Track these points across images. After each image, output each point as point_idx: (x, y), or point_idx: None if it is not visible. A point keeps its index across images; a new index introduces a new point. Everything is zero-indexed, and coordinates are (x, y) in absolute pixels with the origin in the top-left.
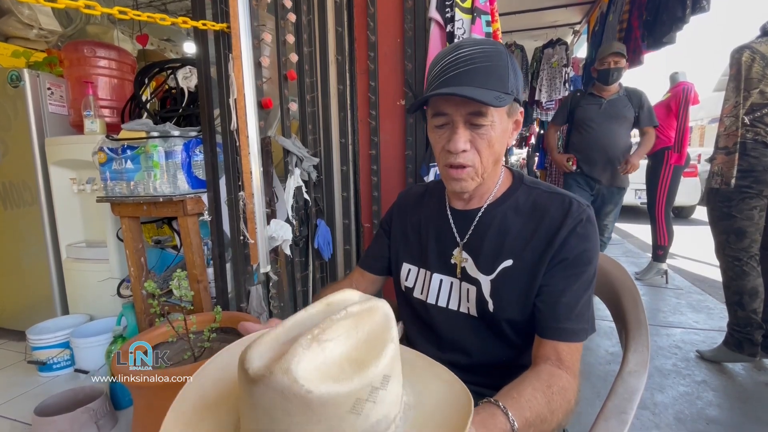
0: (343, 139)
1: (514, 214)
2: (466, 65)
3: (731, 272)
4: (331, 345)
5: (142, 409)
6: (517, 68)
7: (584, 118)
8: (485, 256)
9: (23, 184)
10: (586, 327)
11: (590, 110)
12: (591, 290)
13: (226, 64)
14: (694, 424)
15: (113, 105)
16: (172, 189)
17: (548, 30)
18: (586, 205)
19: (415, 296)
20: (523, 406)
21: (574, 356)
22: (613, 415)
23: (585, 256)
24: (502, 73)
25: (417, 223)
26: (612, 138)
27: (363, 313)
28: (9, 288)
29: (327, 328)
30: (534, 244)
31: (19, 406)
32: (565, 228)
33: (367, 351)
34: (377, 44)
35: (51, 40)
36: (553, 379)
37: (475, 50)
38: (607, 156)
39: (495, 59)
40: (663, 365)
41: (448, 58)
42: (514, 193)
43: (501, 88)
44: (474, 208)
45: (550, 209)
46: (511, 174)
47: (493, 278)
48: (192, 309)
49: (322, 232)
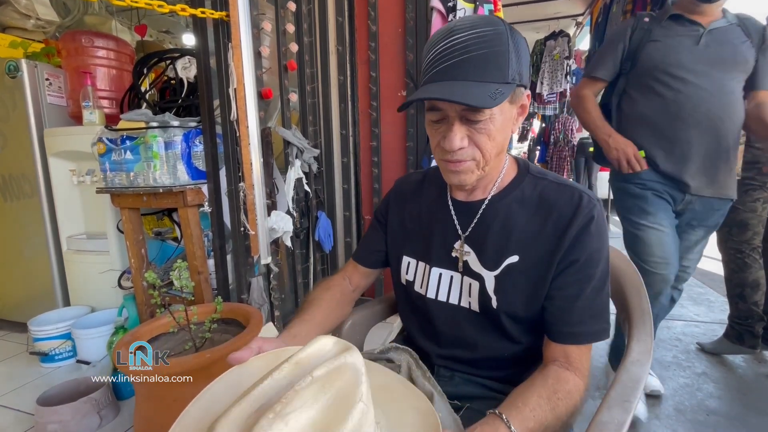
0: (344, 131)
1: (519, 207)
2: (460, 54)
3: (733, 264)
4: (294, 416)
5: (144, 399)
6: (521, 48)
7: (666, 65)
8: (490, 250)
9: (23, 176)
10: (605, 327)
11: (678, 47)
12: (606, 289)
13: (225, 53)
14: (694, 415)
15: (112, 96)
16: (172, 180)
17: (550, 21)
18: (596, 200)
19: (415, 290)
20: (527, 416)
21: (584, 357)
22: (617, 403)
23: (596, 256)
24: (501, 60)
25: (416, 213)
26: (724, 102)
27: (331, 373)
28: (10, 280)
29: (290, 401)
30: (542, 240)
31: (21, 396)
32: (574, 226)
33: (334, 415)
34: (378, 34)
35: (48, 31)
36: (560, 383)
37: (470, 35)
38: (715, 138)
39: (493, 44)
40: (663, 357)
41: (442, 46)
42: (520, 183)
43: (499, 79)
44: (477, 199)
45: (558, 203)
46: (516, 163)
47: (497, 274)
48: (193, 300)
49: (322, 224)
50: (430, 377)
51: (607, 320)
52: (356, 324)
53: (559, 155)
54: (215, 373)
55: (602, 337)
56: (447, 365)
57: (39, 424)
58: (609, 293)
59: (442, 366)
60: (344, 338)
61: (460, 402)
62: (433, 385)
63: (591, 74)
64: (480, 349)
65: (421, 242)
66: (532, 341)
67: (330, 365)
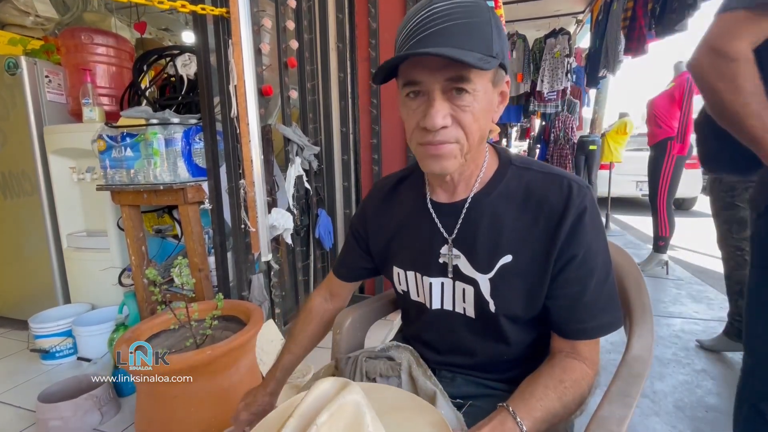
0: (344, 128)
1: (506, 203)
2: (442, 22)
3: (733, 262)
4: None
5: (145, 396)
6: (501, 27)
7: None
8: (480, 252)
9: (23, 174)
10: (616, 316)
11: None
12: (611, 277)
13: (225, 50)
14: (694, 411)
15: (112, 93)
16: (172, 177)
17: (551, 19)
18: (585, 187)
19: (412, 299)
20: (534, 406)
21: (593, 349)
22: (618, 398)
23: (595, 247)
24: (486, 31)
25: (396, 222)
26: None
27: (333, 416)
28: (10, 277)
29: None
30: (535, 237)
31: (22, 393)
32: (567, 219)
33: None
34: (378, 31)
35: (48, 28)
36: (566, 373)
37: (451, 4)
38: None
39: (476, 14)
40: (663, 354)
41: (420, 16)
42: (504, 177)
43: (485, 50)
44: (460, 199)
45: (547, 196)
46: (497, 153)
47: (492, 276)
48: (193, 297)
49: (323, 221)
50: (431, 376)
51: (616, 309)
52: (356, 321)
53: (559, 153)
54: (216, 369)
55: (613, 328)
56: (448, 369)
57: (40, 421)
58: (614, 281)
59: (443, 369)
60: (344, 336)
61: (462, 400)
62: (435, 383)
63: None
64: (479, 354)
65: (407, 252)
66: (532, 340)
67: (331, 409)
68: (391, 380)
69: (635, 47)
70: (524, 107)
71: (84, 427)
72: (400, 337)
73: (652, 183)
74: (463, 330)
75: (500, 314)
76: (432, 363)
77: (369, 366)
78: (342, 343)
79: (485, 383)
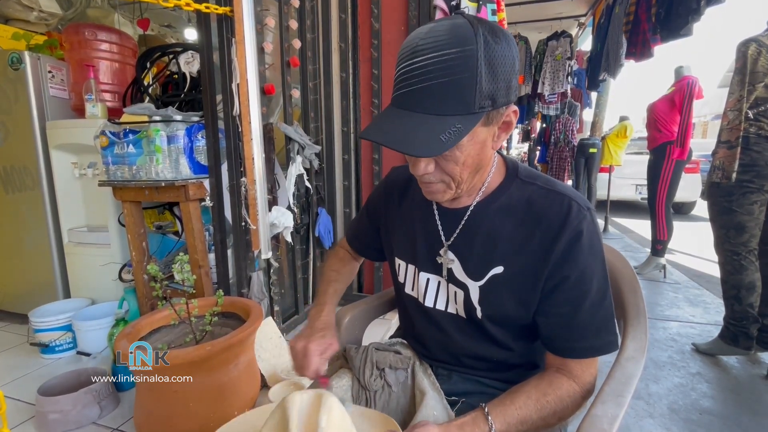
0: (345, 128)
1: (505, 215)
2: (419, 82)
3: (729, 266)
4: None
5: (144, 390)
6: (497, 63)
7: None
8: (474, 260)
9: (24, 169)
10: (610, 340)
11: None
12: (607, 301)
13: (228, 48)
14: (688, 414)
15: (114, 89)
16: (174, 174)
17: (553, 22)
18: (586, 209)
19: (407, 292)
20: (510, 413)
21: (585, 369)
22: (610, 398)
23: (589, 271)
24: (466, 88)
25: (404, 215)
26: None
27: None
28: (11, 271)
29: None
30: (528, 251)
31: (22, 386)
32: (562, 239)
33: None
34: (381, 32)
35: (51, 23)
36: (552, 387)
37: (432, 59)
38: None
39: (457, 70)
40: (659, 357)
41: (404, 67)
42: (508, 189)
43: (461, 110)
44: (462, 206)
45: (547, 212)
46: (505, 165)
47: (482, 285)
48: (193, 294)
49: (323, 220)
50: (431, 374)
51: (610, 333)
52: (354, 320)
53: (559, 156)
54: (215, 365)
55: (603, 351)
56: (443, 367)
57: (40, 414)
58: (611, 304)
59: (440, 366)
60: (343, 334)
61: (457, 398)
62: (432, 382)
63: None
64: (472, 354)
65: (408, 245)
66: (524, 347)
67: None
68: (399, 372)
69: (639, 51)
70: (527, 108)
71: (83, 420)
72: (399, 335)
73: (651, 186)
74: (456, 330)
75: (486, 321)
76: (428, 360)
77: (379, 356)
78: (341, 339)
79: (482, 381)
